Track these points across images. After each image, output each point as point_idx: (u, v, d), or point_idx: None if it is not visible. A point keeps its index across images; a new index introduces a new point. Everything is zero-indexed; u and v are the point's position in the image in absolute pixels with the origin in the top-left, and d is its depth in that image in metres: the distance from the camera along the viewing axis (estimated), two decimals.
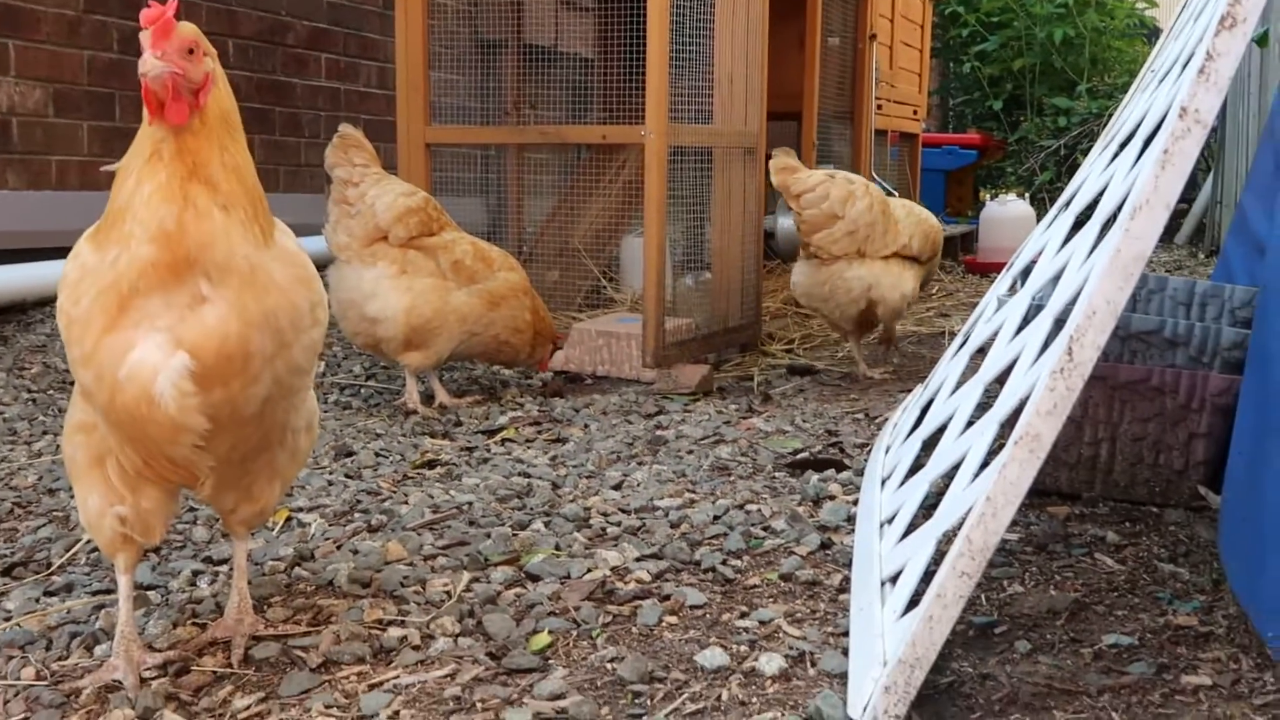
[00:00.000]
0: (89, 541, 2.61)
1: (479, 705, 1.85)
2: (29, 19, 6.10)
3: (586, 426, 3.72)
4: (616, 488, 2.99)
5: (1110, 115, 3.19)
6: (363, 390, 4.37)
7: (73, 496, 2.10)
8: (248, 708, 1.88)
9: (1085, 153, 10.06)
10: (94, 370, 1.71)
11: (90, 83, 6.45)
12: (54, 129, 6.26)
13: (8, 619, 2.24)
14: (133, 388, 1.68)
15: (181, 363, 1.66)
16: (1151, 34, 13.35)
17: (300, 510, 2.86)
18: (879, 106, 7.09)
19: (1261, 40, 6.63)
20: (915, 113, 8.14)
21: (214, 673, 1.99)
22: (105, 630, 2.15)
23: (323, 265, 7.20)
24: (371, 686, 1.92)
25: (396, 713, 1.84)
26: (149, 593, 2.36)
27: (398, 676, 1.95)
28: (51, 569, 2.54)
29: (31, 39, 6.13)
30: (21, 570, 2.53)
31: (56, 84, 6.27)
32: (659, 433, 3.55)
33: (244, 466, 1.94)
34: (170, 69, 1.67)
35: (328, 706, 1.86)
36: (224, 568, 2.48)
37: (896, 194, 7.25)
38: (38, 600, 2.34)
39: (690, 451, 3.34)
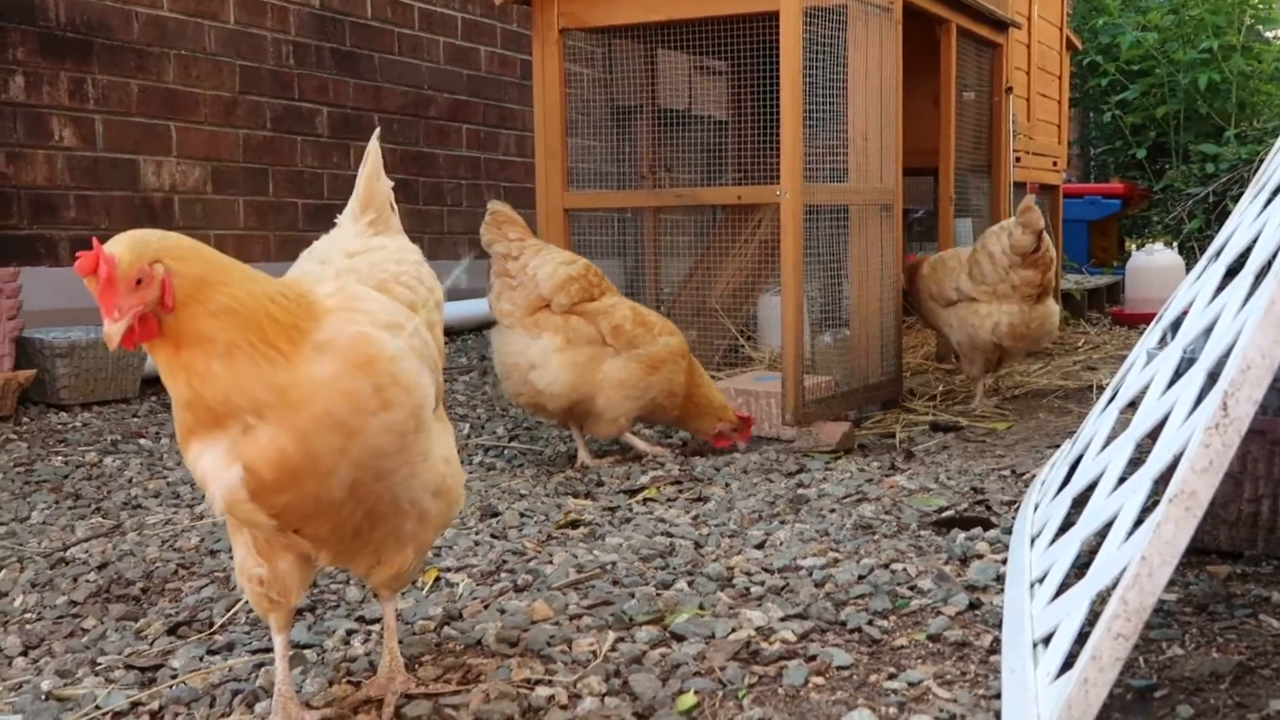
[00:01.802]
0: (247, 601, 2.70)
1: None
2: (188, 102, 6.42)
3: (727, 485, 3.72)
4: (759, 547, 2.98)
5: (1261, 160, 3.11)
6: (506, 451, 4.45)
7: (232, 557, 2.19)
8: None
9: (1235, 199, 9.77)
10: (189, 468, 1.85)
11: (245, 160, 6.74)
12: (212, 205, 6.56)
13: (174, 677, 2.33)
14: (205, 489, 1.81)
15: (234, 475, 1.75)
16: None
17: (448, 570, 2.92)
18: (1017, 159, 7.00)
19: None
20: (1055, 164, 8.02)
21: None
22: (265, 688, 2.22)
23: (469, 326, 7.30)
24: None
25: None
26: (305, 651, 2.43)
27: None
28: (214, 628, 2.63)
29: (191, 120, 6.44)
30: (186, 629, 2.63)
31: (214, 162, 6.57)
32: (800, 491, 3.53)
33: (361, 539, 1.97)
34: (128, 323, 1.68)
35: None
36: (376, 627, 2.54)
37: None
38: (201, 659, 2.43)
39: (833, 510, 3.31)
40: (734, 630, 2.37)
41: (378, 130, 2.41)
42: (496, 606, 2.61)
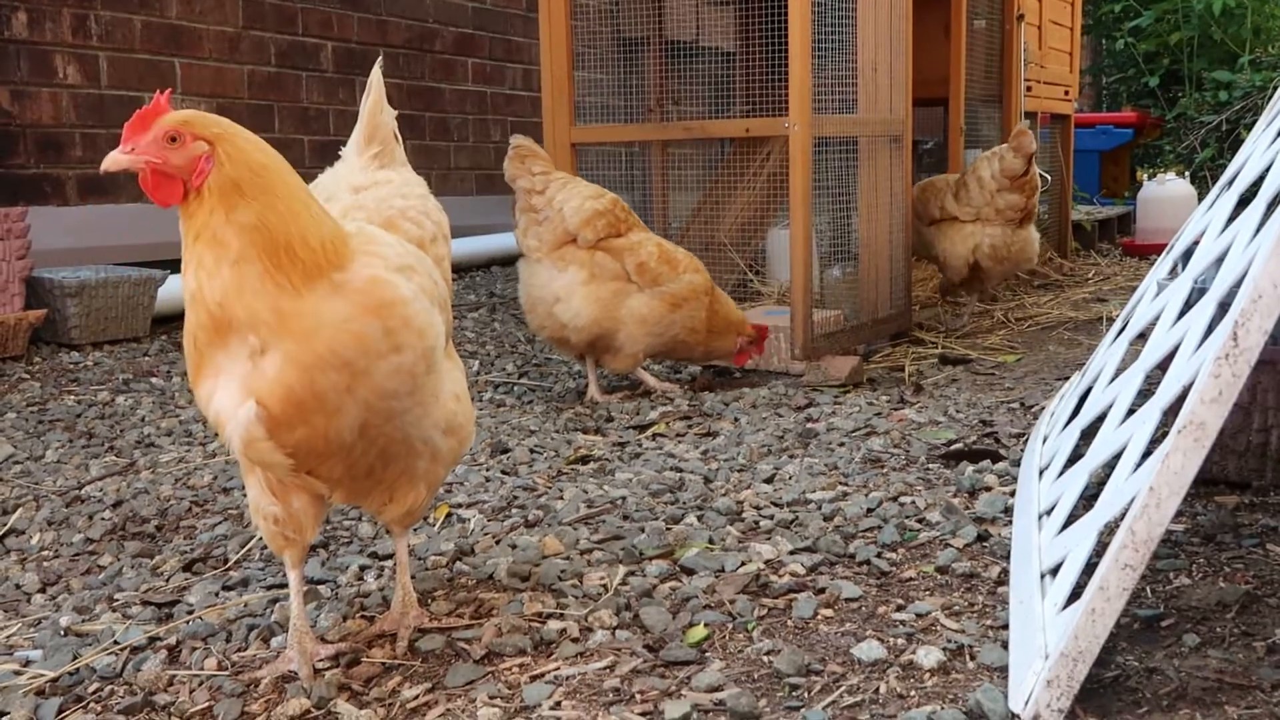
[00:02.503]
0: (261, 538, 2.72)
1: (638, 697, 1.88)
2: (192, 37, 6.36)
3: (736, 420, 3.73)
4: (768, 481, 2.99)
5: (1275, 88, 3.08)
6: (515, 388, 4.46)
7: (245, 494, 2.20)
8: (416, 697, 1.94)
9: (1249, 127, 9.67)
10: (201, 409, 1.86)
11: (250, 96, 6.70)
12: None
13: (190, 612, 2.36)
14: (220, 431, 1.81)
15: (248, 412, 1.74)
16: None
17: (460, 506, 2.94)
18: (1028, 88, 6.93)
19: None
20: (1066, 93, 7.93)
21: (383, 664, 2.06)
22: (280, 623, 2.24)
23: (477, 263, 7.29)
24: (533, 678, 1.97)
25: (558, 703, 1.88)
26: (319, 587, 2.45)
27: (558, 668, 2.00)
28: (229, 564, 2.66)
29: (195, 56, 6.39)
30: (201, 566, 2.66)
31: (219, 99, 6.53)
32: (809, 425, 3.54)
33: (374, 478, 1.98)
34: (138, 161, 1.73)
35: (491, 697, 1.91)
36: (389, 563, 2.56)
37: (1049, 177, 7.09)
38: (217, 594, 2.45)
39: (841, 444, 3.32)
40: (743, 564, 2.39)
41: (380, 60, 2.38)
42: (508, 542, 2.63)
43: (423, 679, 2.00)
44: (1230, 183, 2.59)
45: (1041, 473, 2.52)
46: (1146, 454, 1.84)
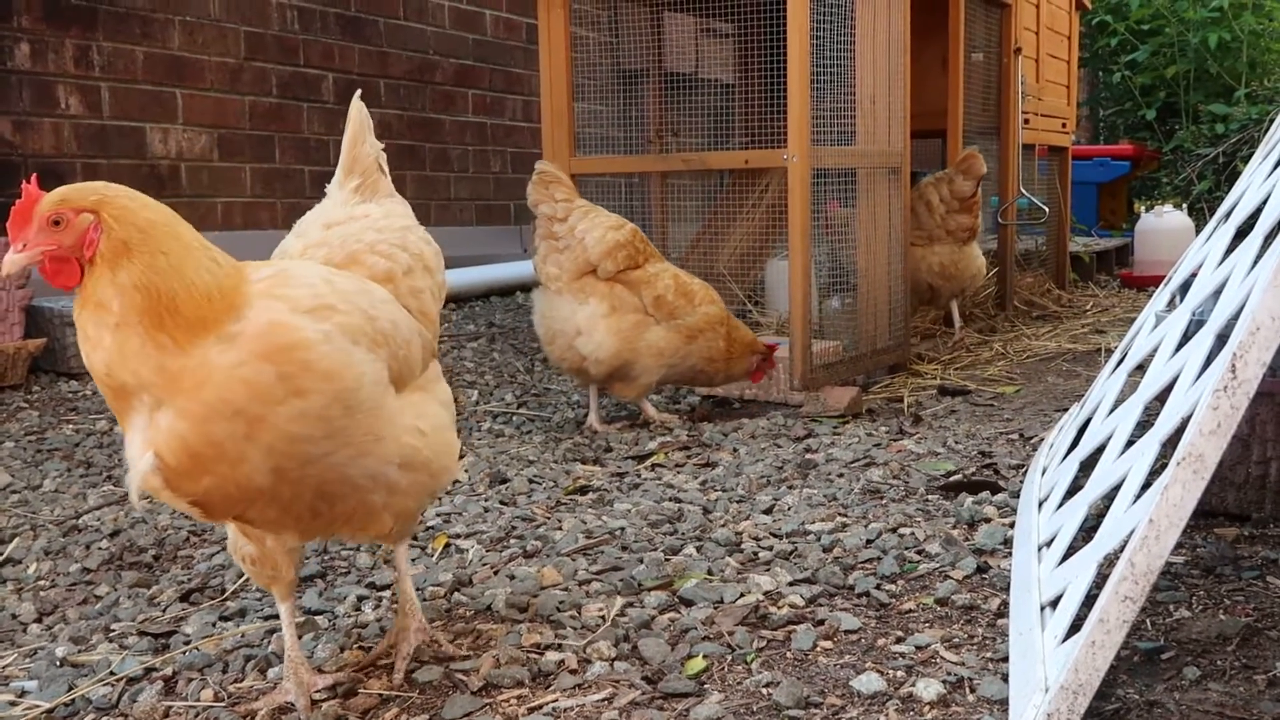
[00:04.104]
0: None
1: None
2: (193, 68, 6.40)
3: (735, 450, 3.73)
4: (767, 512, 2.99)
5: (1272, 120, 3.10)
6: (514, 418, 4.45)
7: None
8: None
9: (1245, 160, 9.71)
10: None
11: (251, 127, 6.73)
12: (218, 172, 6.55)
13: (187, 643, 2.35)
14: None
15: (145, 464, 1.72)
16: None
17: (458, 537, 2.93)
18: (1026, 121, 6.95)
19: None
20: (1064, 125, 7.97)
21: (380, 695, 2.05)
22: (277, 654, 2.23)
23: (476, 293, 7.30)
24: (531, 710, 1.96)
25: None
26: (317, 618, 2.44)
27: (556, 700, 1.99)
28: (226, 595, 2.65)
29: (196, 87, 6.42)
30: (198, 596, 2.65)
31: (220, 129, 6.56)
32: (809, 456, 3.54)
33: (324, 518, 1.93)
34: (34, 255, 1.71)
35: None
36: (386, 593, 2.56)
37: (1047, 209, 7.12)
38: (214, 625, 2.45)
39: (841, 475, 3.32)
40: (742, 595, 2.38)
41: (358, 93, 2.38)
42: (506, 572, 2.63)
43: (420, 710, 2.00)
44: (1228, 215, 2.60)
45: (1041, 504, 2.52)
46: (1146, 486, 1.84)
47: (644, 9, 5.58)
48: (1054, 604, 1.93)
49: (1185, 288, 2.73)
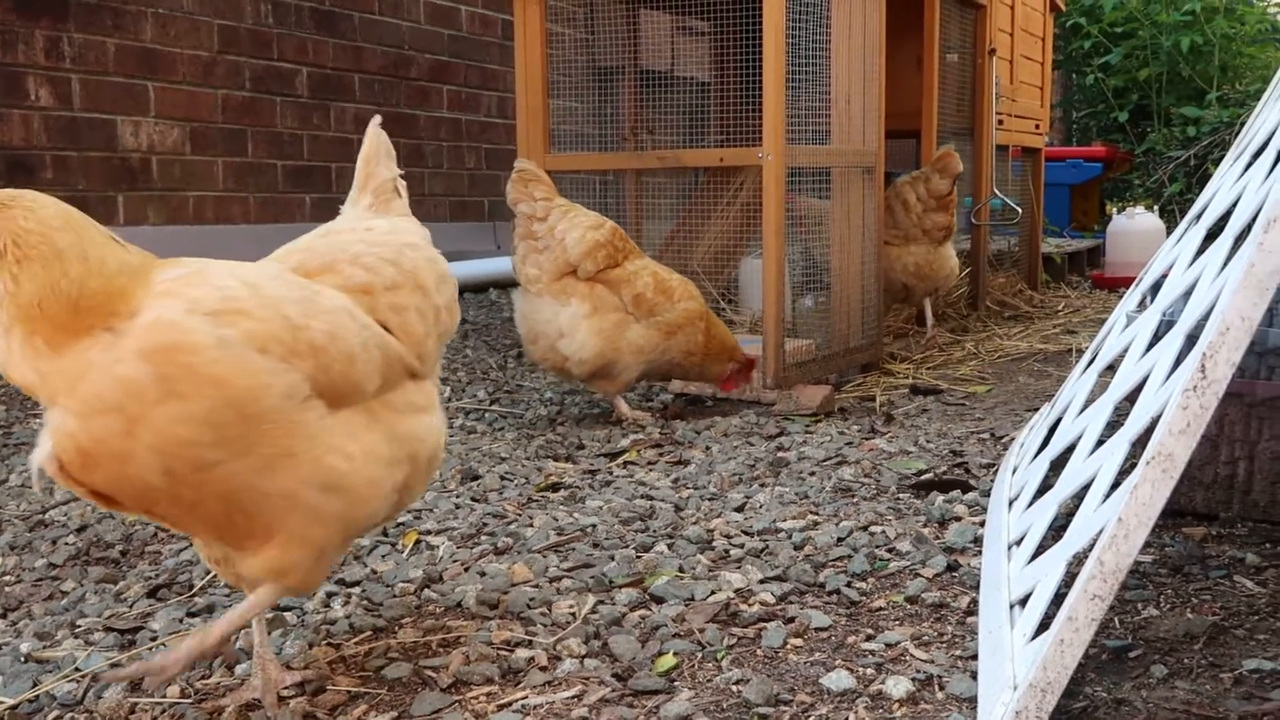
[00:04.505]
0: None
1: None
2: (166, 61, 6.35)
3: (708, 448, 3.73)
4: (739, 510, 2.99)
5: (1242, 124, 3.11)
6: (487, 414, 4.44)
7: None
8: None
9: (1216, 163, 9.78)
10: None
11: (224, 120, 6.68)
12: (190, 166, 6.51)
13: (154, 639, 2.33)
14: None
15: (39, 455, 1.75)
16: None
17: (429, 533, 2.92)
18: (1000, 121, 6.98)
19: None
20: (1037, 127, 8.01)
21: (348, 692, 2.04)
22: (246, 650, 2.22)
23: (465, 286, 7.34)
24: (501, 707, 1.95)
25: None
26: (286, 614, 2.43)
27: (526, 697, 1.98)
28: (193, 590, 2.63)
29: (169, 80, 6.38)
30: (166, 592, 2.63)
31: (193, 123, 6.51)
32: (781, 454, 3.54)
33: (239, 530, 1.86)
34: None
35: None
36: (356, 589, 2.54)
37: (1020, 210, 7.15)
38: (181, 621, 2.43)
39: (812, 473, 3.32)
40: (713, 592, 2.38)
41: (377, 119, 2.36)
42: (477, 569, 2.62)
43: (389, 707, 1.98)
44: (1198, 217, 2.61)
45: (1011, 503, 2.53)
46: (1115, 485, 1.85)
47: (620, 6, 5.57)
48: (1023, 602, 1.93)
49: (1156, 289, 2.75)
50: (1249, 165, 2.39)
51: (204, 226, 6.43)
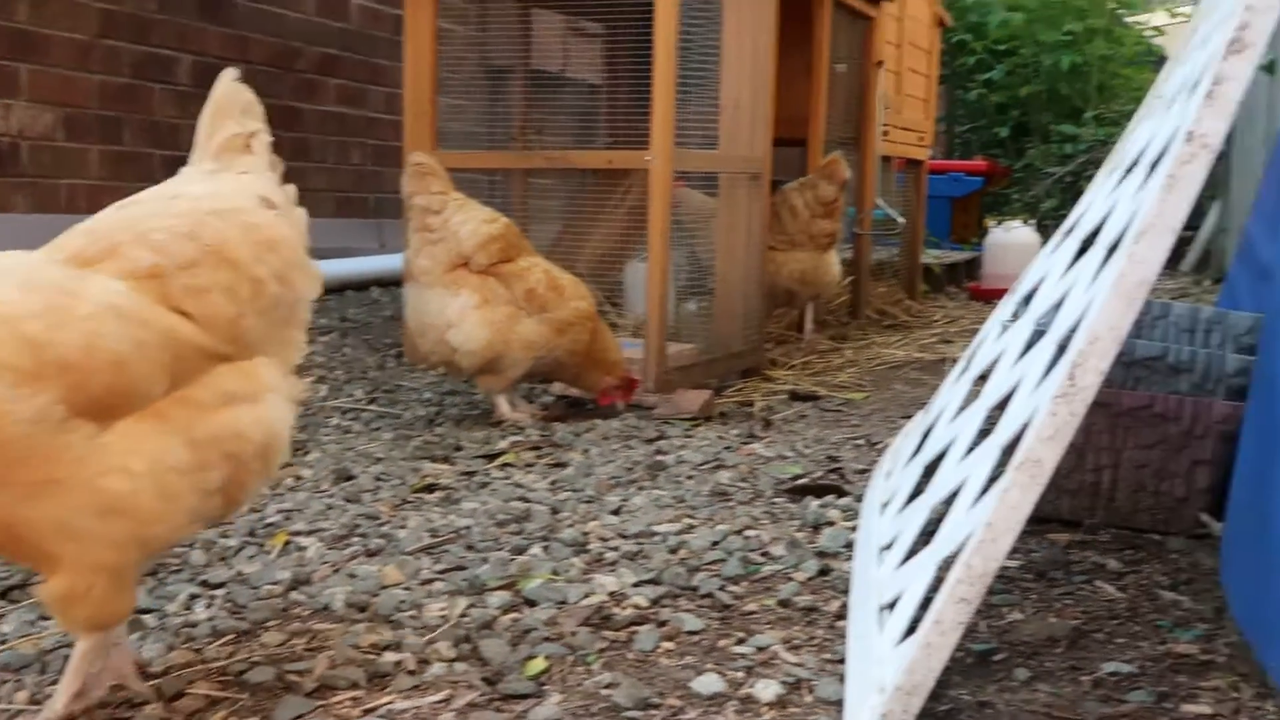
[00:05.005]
0: None
1: None
2: (41, 43, 6.13)
3: (587, 451, 3.71)
4: (615, 513, 2.97)
5: (1116, 142, 3.20)
6: (364, 414, 4.36)
7: None
8: None
9: (1091, 180, 10.05)
10: None
11: (100, 107, 6.48)
12: (63, 153, 6.29)
13: (3, 642, 2.23)
14: None
15: None
16: (1158, 62, 13.34)
17: (298, 534, 2.85)
18: (885, 133, 7.08)
19: (1269, 68, 6.64)
20: (921, 139, 8.14)
21: (208, 697, 1.97)
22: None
23: (329, 288, 7.19)
24: (366, 712, 1.91)
25: None
26: (145, 616, 2.34)
27: (392, 701, 1.94)
28: None
29: (43, 63, 6.16)
30: (18, 593, 2.53)
31: (67, 108, 6.30)
32: (659, 457, 3.54)
33: (23, 549, 1.74)
34: None
35: None
36: (220, 591, 2.47)
37: (903, 220, 7.27)
38: (33, 623, 2.33)
39: (690, 477, 3.32)
40: (587, 595, 2.36)
41: (230, 71, 2.23)
42: (347, 571, 2.56)
43: (250, 713, 1.92)
44: (1070, 230, 2.67)
45: (883, 508, 2.55)
46: (985, 490, 1.87)
47: (513, 5, 5.53)
48: (892, 606, 1.95)
49: (1029, 299, 2.79)
50: (1121, 181, 2.44)
51: (76, 216, 6.21)
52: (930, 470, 2.39)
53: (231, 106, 2.16)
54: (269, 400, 1.92)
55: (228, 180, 2.07)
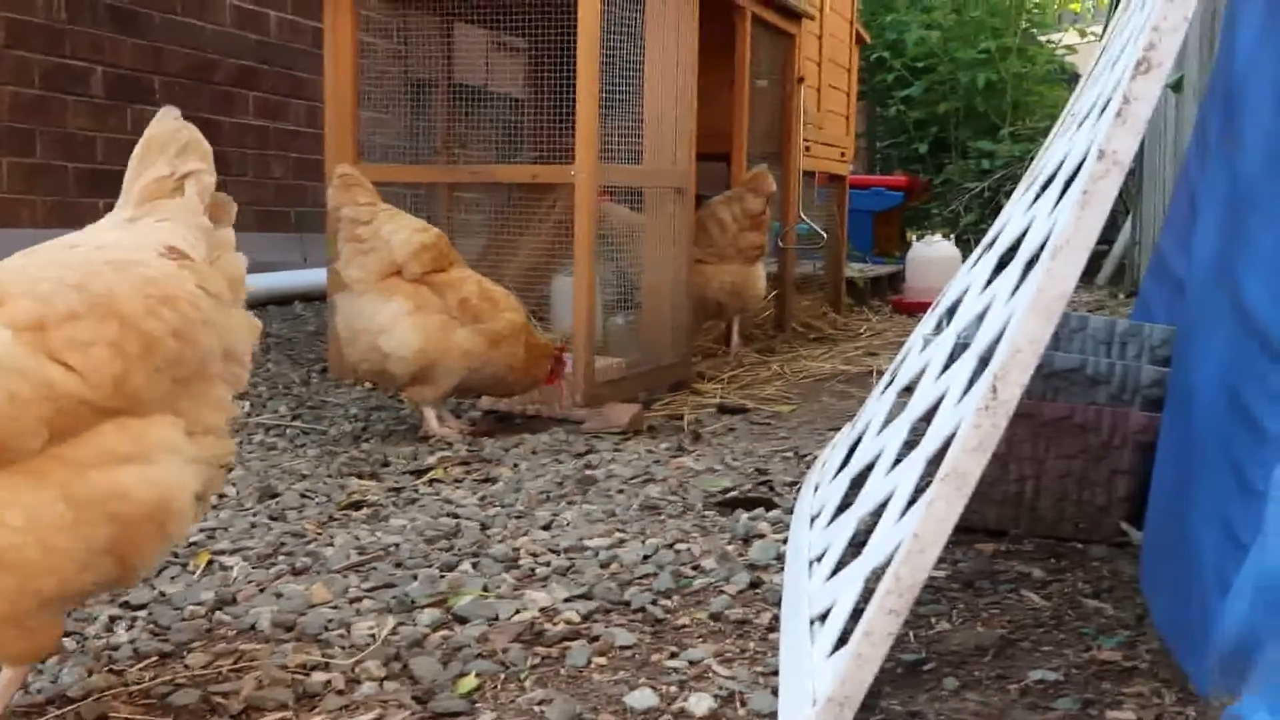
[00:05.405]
0: None
1: None
2: None
3: (516, 466, 3.69)
4: (546, 528, 2.96)
5: (1032, 158, 3.26)
6: (288, 430, 4.31)
7: None
8: None
9: (1009, 194, 10.21)
10: None
11: (10, 119, 6.35)
12: None
13: None
14: None
15: None
16: (1071, 79, 13.64)
17: (222, 553, 2.81)
18: (807, 148, 7.15)
19: (1176, 86, 6.81)
20: (843, 154, 8.23)
21: None
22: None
23: (255, 302, 7.09)
24: None
25: None
26: (65, 639, 2.29)
27: None
28: None
29: None
30: None
31: None
32: (589, 472, 3.53)
33: None
34: None
35: None
36: (142, 613, 2.42)
37: (826, 235, 7.34)
38: None
39: (620, 491, 3.32)
40: (518, 612, 2.35)
41: (170, 109, 2.12)
42: (273, 590, 2.53)
43: None
44: (991, 245, 2.71)
45: (813, 520, 2.57)
46: (912, 502, 1.89)
47: (435, 19, 5.50)
48: (823, 618, 1.96)
49: (952, 312, 2.84)
50: (1038, 196, 2.49)
51: None
52: (858, 482, 2.41)
53: (165, 146, 2.07)
54: (163, 461, 1.82)
55: (139, 230, 1.98)
